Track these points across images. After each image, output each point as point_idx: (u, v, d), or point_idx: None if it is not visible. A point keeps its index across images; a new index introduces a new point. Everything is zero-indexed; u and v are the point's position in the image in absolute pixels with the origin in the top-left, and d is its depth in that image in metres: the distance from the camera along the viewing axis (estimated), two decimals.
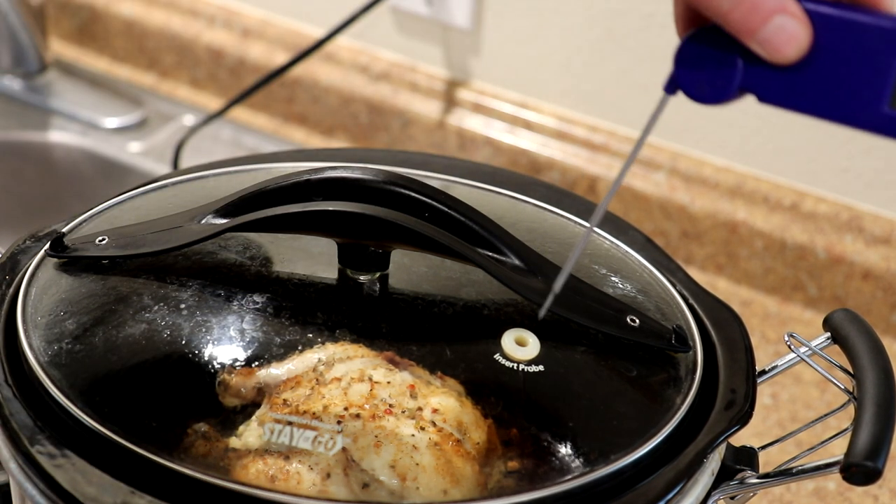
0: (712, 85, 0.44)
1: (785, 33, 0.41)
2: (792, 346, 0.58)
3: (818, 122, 0.46)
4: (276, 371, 0.53)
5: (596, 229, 0.53)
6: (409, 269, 0.60)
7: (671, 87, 0.46)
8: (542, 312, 0.54)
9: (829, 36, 0.42)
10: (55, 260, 0.59)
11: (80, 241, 0.60)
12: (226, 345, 0.54)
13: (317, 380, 0.53)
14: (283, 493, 0.48)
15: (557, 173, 1.07)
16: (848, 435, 0.53)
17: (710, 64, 0.44)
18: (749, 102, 0.46)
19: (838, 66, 0.42)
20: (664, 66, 1.07)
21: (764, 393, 0.90)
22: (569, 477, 0.50)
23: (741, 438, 0.60)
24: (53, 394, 0.51)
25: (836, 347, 0.59)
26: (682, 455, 0.52)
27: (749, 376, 0.57)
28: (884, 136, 0.43)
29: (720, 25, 0.42)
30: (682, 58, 0.45)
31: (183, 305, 0.56)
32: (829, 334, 0.59)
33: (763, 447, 0.60)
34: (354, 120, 1.17)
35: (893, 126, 0.42)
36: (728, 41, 0.43)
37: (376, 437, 0.50)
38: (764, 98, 0.44)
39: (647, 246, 0.67)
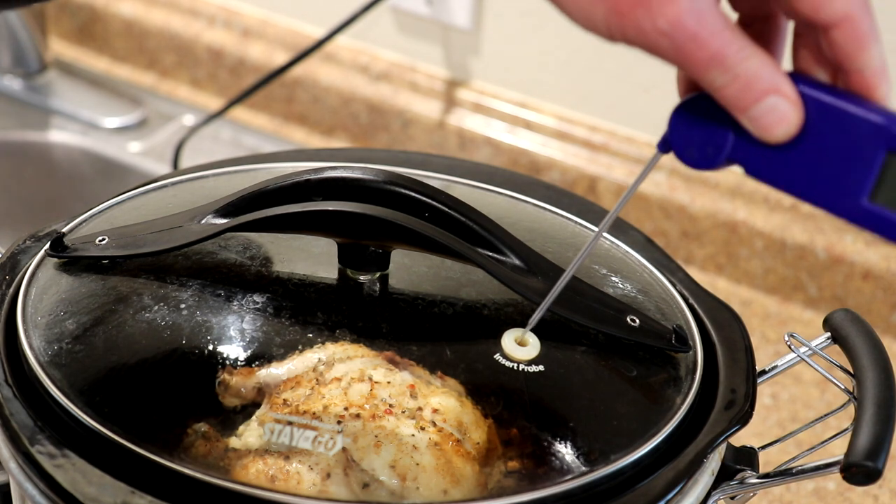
0: (702, 152, 0.45)
1: (775, 114, 0.41)
2: (792, 346, 0.58)
3: None
4: (277, 371, 0.53)
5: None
6: (409, 269, 0.60)
7: (664, 147, 0.46)
8: (528, 329, 0.54)
9: (819, 121, 0.42)
10: (55, 260, 0.59)
11: (80, 241, 0.60)
12: (226, 345, 0.54)
13: (317, 380, 0.53)
14: (283, 493, 0.48)
15: (557, 173, 1.07)
16: (848, 435, 0.53)
17: (702, 132, 0.44)
18: None
19: (825, 151, 0.42)
20: (664, 67, 1.07)
21: (764, 393, 0.90)
22: (569, 477, 0.50)
23: (741, 438, 0.60)
24: (53, 394, 0.51)
25: (836, 347, 0.59)
26: (682, 455, 0.52)
27: (749, 376, 0.57)
28: (861, 228, 0.43)
29: (714, 98, 0.42)
30: (675, 122, 0.45)
31: (183, 305, 0.56)
32: (829, 334, 0.59)
33: (763, 447, 0.60)
34: (354, 120, 1.17)
35: (870, 220, 0.42)
36: (721, 112, 0.43)
37: (376, 437, 0.50)
38: (750, 172, 0.44)
39: (647, 246, 0.67)
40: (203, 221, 0.59)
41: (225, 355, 0.54)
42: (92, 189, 1.17)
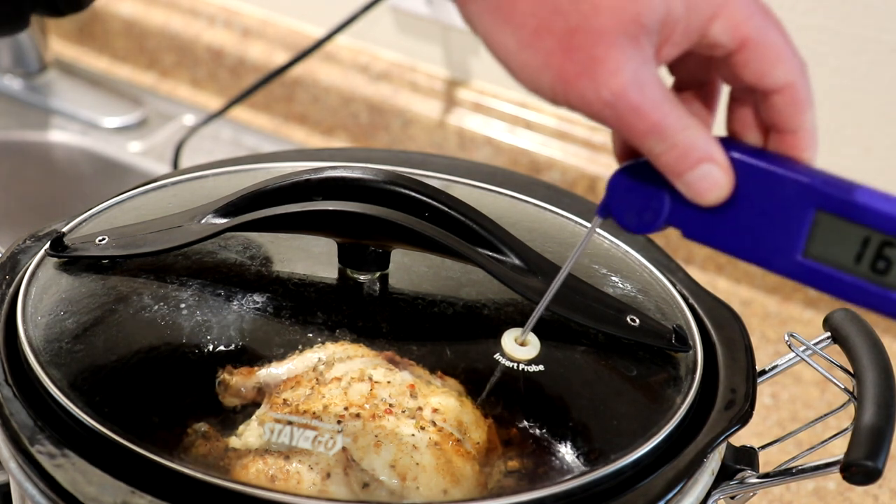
0: (641, 217, 0.46)
1: (708, 180, 0.43)
2: (792, 346, 0.58)
3: (818, 123, 0.46)
4: (277, 371, 0.53)
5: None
6: (409, 269, 0.60)
7: (603, 212, 0.48)
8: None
9: (751, 184, 0.44)
10: (55, 260, 0.59)
11: (80, 240, 0.60)
12: (226, 344, 0.54)
13: (317, 379, 0.53)
14: (283, 492, 0.48)
15: (557, 173, 1.07)
16: (848, 435, 0.53)
17: (640, 197, 0.46)
18: None
19: (758, 212, 0.44)
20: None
21: (764, 393, 0.90)
22: (569, 477, 0.50)
23: (741, 438, 0.60)
24: (53, 393, 0.51)
25: (837, 347, 0.59)
26: (682, 455, 0.52)
27: (749, 376, 0.57)
28: (798, 282, 0.45)
29: (652, 163, 0.44)
30: (614, 187, 0.46)
31: (183, 305, 0.56)
32: (829, 334, 0.59)
33: (763, 447, 0.60)
34: (354, 120, 1.17)
35: (806, 274, 0.44)
36: (659, 178, 0.44)
37: (376, 436, 0.50)
38: (687, 234, 0.46)
39: (647, 245, 0.67)
40: (203, 221, 0.59)
41: (225, 355, 0.54)
42: (92, 189, 1.17)
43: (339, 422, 0.50)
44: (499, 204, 0.68)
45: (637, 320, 0.57)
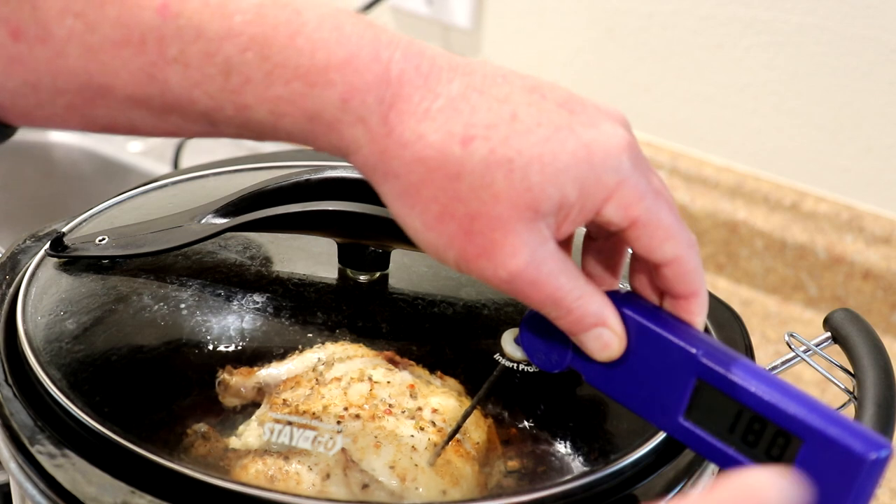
0: (548, 358, 0.50)
1: (600, 341, 0.47)
2: (792, 346, 0.58)
3: (819, 123, 0.46)
4: (276, 371, 0.53)
5: None
6: (409, 268, 0.60)
7: (519, 343, 0.51)
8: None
9: (643, 343, 0.47)
10: (55, 260, 0.59)
11: (80, 240, 0.60)
12: (226, 344, 0.54)
13: (316, 380, 0.53)
14: (283, 493, 0.48)
15: None
16: None
17: (548, 342, 0.49)
18: (751, 103, 0.46)
19: (649, 370, 0.47)
20: (664, 66, 1.06)
21: None
22: (569, 477, 0.50)
23: None
24: (53, 393, 0.51)
25: (837, 347, 0.59)
26: (682, 455, 0.52)
27: None
28: (680, 441, 0.47)
29: None
30: (525, 330, 0.50)
31: (183, 305, 0.56)
32: (829, 334, 0.59)
33: None
34: None
35: (685, 435, 0.46)
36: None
37: (376, 437, 0.50)
38: (588, 380, 0.49)
39: None
40: (203, 221, 0.59)
41: (225, 355, 0.54)
42: (92, 189, 1.17)
43: (338, 422, 0.50)
44: None
45: None
